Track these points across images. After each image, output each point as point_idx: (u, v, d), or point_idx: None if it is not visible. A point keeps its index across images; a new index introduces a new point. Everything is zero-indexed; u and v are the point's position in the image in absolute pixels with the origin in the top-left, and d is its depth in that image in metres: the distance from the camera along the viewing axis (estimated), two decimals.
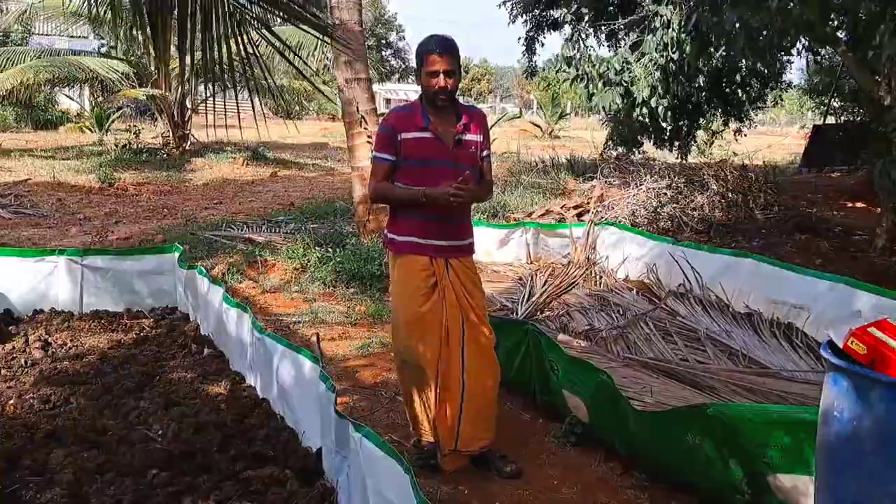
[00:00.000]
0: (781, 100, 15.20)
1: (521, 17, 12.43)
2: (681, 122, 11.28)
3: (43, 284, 4.59)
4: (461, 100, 3.03)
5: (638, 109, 9.49)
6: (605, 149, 12.71)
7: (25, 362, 3.75)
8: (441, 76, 2.72)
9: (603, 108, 9.85)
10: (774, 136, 23.51)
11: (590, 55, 10.09)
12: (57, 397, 3.30)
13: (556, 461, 3.03)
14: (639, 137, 11.95)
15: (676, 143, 12.11)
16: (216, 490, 2.50)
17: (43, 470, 2.64)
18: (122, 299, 4.74)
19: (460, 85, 2.93)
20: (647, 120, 9.93)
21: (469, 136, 2.86)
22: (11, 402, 3.22)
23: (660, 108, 9.39)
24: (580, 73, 9.93)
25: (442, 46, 2.74)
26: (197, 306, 4.46)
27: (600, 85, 9.63)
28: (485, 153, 2.94)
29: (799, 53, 9.91)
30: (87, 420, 3.05)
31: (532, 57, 13.11)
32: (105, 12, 12.84)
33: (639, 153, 12.26)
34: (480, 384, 2.83)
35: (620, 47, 10.00)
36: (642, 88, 9.12)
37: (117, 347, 4.05)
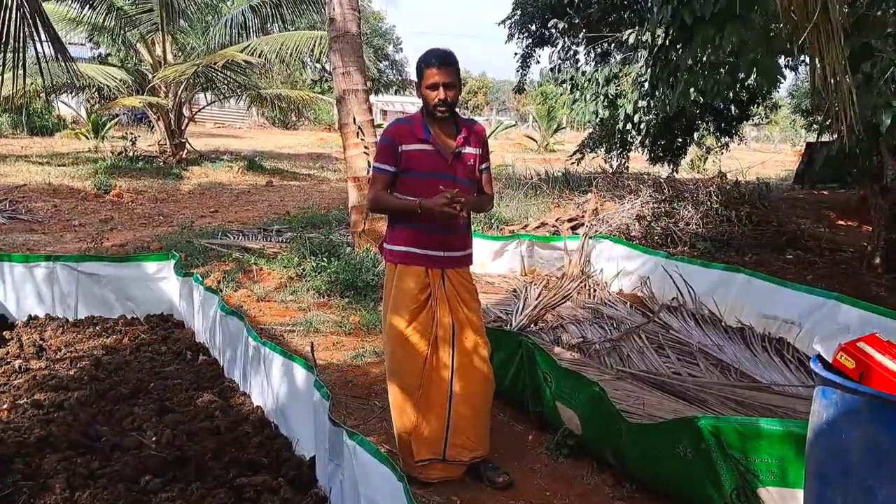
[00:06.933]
0: (767, 117, 15.26)
1: (518, 36, 12.52)
2: (673, 138, 11.38)
3: (38, 290, 4.59)
4: (460, 113, 3.07)
5: (622, 123, 9.61)
6: (580, 152, 12.47)
7: (19, 367, 3.74)
8: (441, 89, 2.76)
9: (581, 115, 9.94)
10: (768, 153, 23.70)
11: (578, 66, 10.17)
12: (50, 403, 3.30)
13: (547, 472, 3.05)
14: (626, 150, 11.97)
15: (669, 157, 12.18)
16: (209, 497, 2.50)
17: (36, 475, 2.64)
18: (118, 306, 4.75)
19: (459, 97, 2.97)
20: (630, 134, 10.04)
21: (468, 150, 2.89)
22: (5, 406, 3.22)
23: (642, 124, 9.52)
24: (566, 78, 10.05)
25: (441, 60, 2.77)
26: (192, 314, 4.47)
27: (588, 96, 9.72)
28: (484, 165, 2.98)
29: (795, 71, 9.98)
30: (80, 426, 3.05)
31: (526, 72, 13.17)
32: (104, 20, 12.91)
33: (617, 162, 12.30)
34: (471, 393, 2.85)
35: (609, 63, 10.09)
36: (627, 103, 9.22)
37: (112, 354, 4.05)
